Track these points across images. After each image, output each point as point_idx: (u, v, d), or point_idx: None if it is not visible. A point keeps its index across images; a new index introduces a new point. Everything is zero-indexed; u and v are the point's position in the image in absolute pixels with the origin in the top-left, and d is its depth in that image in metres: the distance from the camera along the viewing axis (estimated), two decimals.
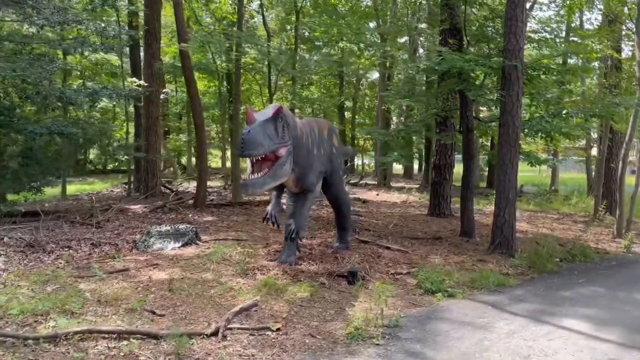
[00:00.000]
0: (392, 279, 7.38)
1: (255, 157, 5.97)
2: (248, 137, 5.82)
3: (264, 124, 6.07)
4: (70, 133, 9.65)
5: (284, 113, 6.41)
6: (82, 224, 9.93)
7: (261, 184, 6.13)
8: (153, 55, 14.09)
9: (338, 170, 8.18)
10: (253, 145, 5.86)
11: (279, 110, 6.25)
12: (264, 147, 5.96)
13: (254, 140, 5.84)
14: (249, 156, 5.97)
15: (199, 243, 9.00)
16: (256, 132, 5.90)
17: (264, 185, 6.19)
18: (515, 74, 8.55)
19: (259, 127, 5.97)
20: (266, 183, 6.17)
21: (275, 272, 7.20)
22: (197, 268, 7.38)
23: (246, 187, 6.19)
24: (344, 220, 8.67)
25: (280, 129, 6.24)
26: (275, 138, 6.15)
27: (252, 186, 6.14)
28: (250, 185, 6.15)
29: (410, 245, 9.49)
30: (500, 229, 8.84)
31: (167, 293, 6.25)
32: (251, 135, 5.84)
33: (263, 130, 5.99)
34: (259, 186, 6.14)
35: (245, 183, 6.20)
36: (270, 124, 6.13)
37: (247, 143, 5.82)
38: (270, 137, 6.05)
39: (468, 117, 9.87)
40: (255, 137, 5.86)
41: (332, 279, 7.11)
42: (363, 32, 16.20)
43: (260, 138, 5.91)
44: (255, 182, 6.12)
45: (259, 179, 6.12)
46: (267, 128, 6.07)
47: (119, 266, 7.40)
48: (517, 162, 8.75)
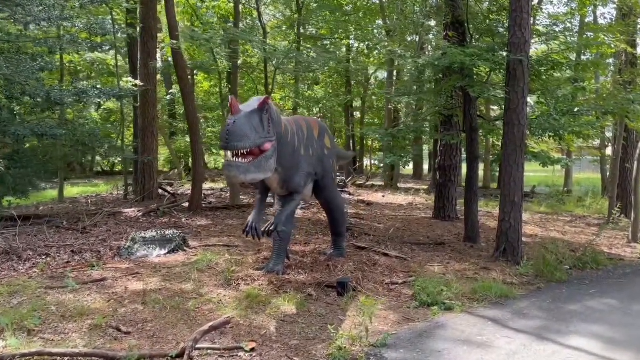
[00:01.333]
0: (386, 289, 6.87)
1: (241, 150, 5.36)
2: (234, 128, 5.23)
3: (249, 115, 5.48)
4: (55, 135, 9.26)
5: (270, 106, 5.85)
6: (68, 229, 9.55)
7: (245, 170, 5.46)
8: (149, 54, 13.68)
9: (330, 172, 7.67)
10: (239, 137, 5.24)
11: (265, 102, 5.68)
12: (250, 140, 5.35)
13: (240, 131, 5.25)
14: (234, 149, 5.33)
15: (186, 249, 8.56)
16: (242, 123, 5.31)
17: (247, 174, 5.50)
18: (520, 69, 7.99)
19: (244, 118, 5.39)
20: (250, 171, 5.50)
21: (260, 283, 6.72)
22: (178, 278, 6.94)
23: (229, 169, 5.41)
24: (337, 225, 8.17)
25: (265, 122, 5.66)
26: (261, 131, 5.56)
27: (237, 169, 5.42)
28: (235, 168, 5.41)
29: (410, 252, 8.96)
30: (506, 235, 8.29)
31: (139, 306, 5.80)
32: (237, 126, 5.25)
33: (249, 122, 5.40)
34: (243, 172, 5.45)
35: (230, 164, 5.43)
36: (256, 116, 5.54)
37: (233, 134, 5.22)
38: (256, 129, 5.47)
39: (472, 116, 9.32)
40: (242, 128, 5.28)
41: (321, 290, 6.61)
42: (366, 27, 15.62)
43: (247, 130, 5.33)
44: (240, 166, 5.43)
45: (244, 164, 5.47)
46: (253, 120, 5.47)
47: (96, 275, 6.98)
48: (523, 163, 8.18)
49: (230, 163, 5.41)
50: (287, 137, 6.39)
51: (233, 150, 5.34)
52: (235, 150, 5.35)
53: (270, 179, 6.55)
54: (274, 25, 17.73)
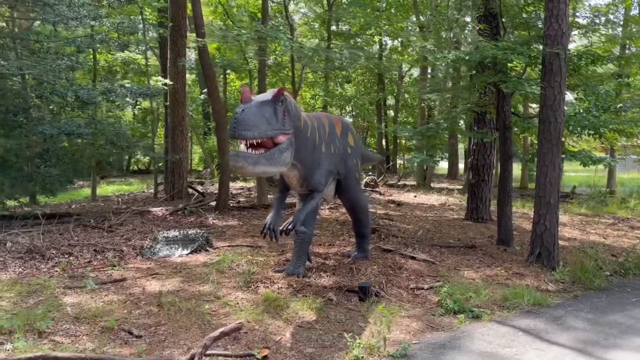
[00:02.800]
0: (411, 295, 6.56)
1: (250, 140, 5.07)
2: (242, 117, 4.95)
3: (261, 104, 5.22)
4: (81, 133, 9.29)
5: (286, 97, 5.57)
6: (94, 228, 9.57)
7: (254, 162, 5.13)
8: (178, 52, 13.68)
9: (353, 172, 7.39)
10: (247, 126, 4.95)
11: (280, 92, 5.39)
12: (259, 130, 5.06)
13: (249, 120, 4.97)
14: (241, 138, 5.02)
15: (209, 250, 8.45)
16: (252, 112, 5.04)
17: (257, 165, 5.16)
18: (557, 62, 7.53)
19: (255, 107, 5.13)
20: (260, 163, 5.17)
21: (279, 286, 6.52)
22: (198, 279, 6.81)
23: (236, 159, 5.07)
24: (361, 227, 7.89)
25: (280, 114, 5.38)
26: (274, 123, 5.28)
27: (245, 159, 5.09)
28: (243, 158, 5.08)
29: (439, 255, 8.60)
30: (540, 238, 7.85)
31: (154, 309, 5.68)
32: (246, 114, 4.98)
33: (260, 112, 5.12)
34: (252, 163, 5.11)
35: (237, 154, 5.12)
36: (268, 107, 5.27)
37: (241, 123, 4.92)
38: (268, 120, 5.18)
39: (505, 113, 8.88)
40: (251, 117, 5.00)
41: (342, 294, 6.36)
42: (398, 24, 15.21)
43: (257, 119, 5.05)
44: (248, 156, 5.12)
45: (253, 155, 5.18)
46: (265, 110, 5.20)
47: (116, 276, 6.92)
48: (559, 163, 7.72)
49: (238, 153, 5.13)
50: (306, 132, 6.15)
51: (240, 139, 5.07)
52: (244, 140, 5.07)
53: (290, 176, 6.33)
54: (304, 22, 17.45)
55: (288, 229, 6.14)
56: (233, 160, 5.13)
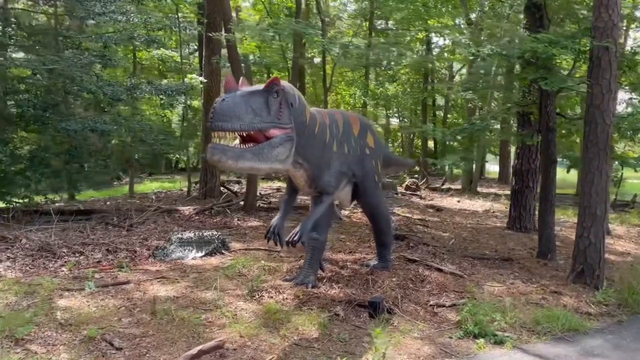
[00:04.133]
0: (429, 312, 5.94)
1: (229, 131, 4.48)
2: (221, 106, 4.37)
3: (248, 95, 4.64)
4: (105, 130, 9.16)
5: (283, 88, 4.98)
6: (115, 226, 9.43)
7: (236, 156, 4.55)
8: (213, 50, 13.49)
9: (372, 175, 6.82)
10: (226, 117, 4.37)
11: (273, 82, 4.82)
12: (241, 122, 4.46)
13: (229, 110, 4.38)
14: (218, 129, 4.41)
15: (224, 253, 8.10)
16: (234, 101, 4.46)
17: (240, 160, 4.57)
18: (606, 57, 6.70)
19: (240, 97, 4.56)
20: (244, 157, 4.59)
21: (285, 296, 6.07)
22: (204, 284, 6.45)
23: (213, 151, 4.46)
24: (382, 235, 7.32)
25: (274, 106, 4.81)
26: (264, 115, 4.71)
27: (223, 153, 4.48)
28: (220, 151, 4.47)
29: (469, 267, 7.90)
30: (584, 253, 7.03)
31: (147, 317, 5.35)
32: (226, 104, 4.39)
33: (245, 102, 4.54)
34: (233, 157, 4.52)
35: (214, 146, 4.48)
36: (258, 97, 4.70)
37: (219, 113, 4.35)
38: (255, 112, 4.61)
39: (549, 114, 8.08)
40: (232, 107, 4.42)
41: (351, 309, 5.83)
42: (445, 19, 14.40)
43: (239, 109, 4.46)
44: (229, 150, 4.53)
45: (235, 148, 4.59)
46: (253, 101, 4.63)
47: (121, 278, 6.66)
48: (607, 170, 6.88)
49: (215, 145, 4.51)
50: (313, 128, 5.62)
51: (217, 132, 4.47)
52: (221, 132, 4.48)
53: (296, 176, 5.84)
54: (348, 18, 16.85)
55: (294, 240, 5.65)
56: (209, 153, 4.53)
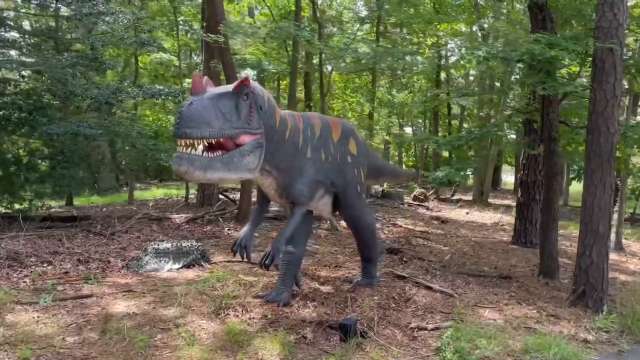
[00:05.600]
0: (408, 337, 5.41)
1: (195, 139, 4.05)
2: (188, 112, 3.99)
3: (217, 98, 4.24)
4: (89, 134, 8.85)
5: (254, 90, 4.57)
6: (97, 234, 9.08)
7: (205, 166, 4.16)
8: (212, 54, 13.16)
9: (354, 185, 6.33)
10: (195, 122, 3.99)
11: (243, 83, 4.39)
12: (210, 128, 4.07)
13: (196, 116, 4.00)
14: (185, 137, 4.01)
15: (203, 265, 7.69)
16: (202, 106, 4.07)
17: (208, 170, 4.18)
18: (610, 60, 6.15)
19: (208, 100, 4.15)
20: (213, 167, 4.21)
21: (252, 315, 5.61)
22: (170, 300, 6.03)
23: (179, 162, 4.08)
24: (366, 249, 6.83)
25: (244, 110, 4.40)
26: (234, 120, 4.30)
27: (190, 163, 4.09)
28: (187, 161, 4.08)
29: (462, 285, 7.35)
30: (585, 274, 6.44)
31: (95, 336, 4.94)
32: (194, 108, 4.02)
33: (214, 106, 4.13)
34: (201, 168, 4.14)
35: (180, 156, 4.09)
36: (227, 100, 4.29)
37: (186, 119, 3.97)
38: (225, 116, 4.21)
39: (551, 122, 7.52)
40: (200, 112, 4.03)
41: (322, 330, 5.34)
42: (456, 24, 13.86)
43: (208, 115, 4.07)
44: (196, 160, 4.12)
45: (203, 157, 4.17)
46: (222, 105, 4.22)
47: (85, 291, 6.29)
48: (611, 182, 6.30)
49: (181, 155, 4.10)
50: (284, 132, 5.19)
51: (184, 139, 4.05)
52: (189, 140, 4.06)
53: (264, 184, 5.40)
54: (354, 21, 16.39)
55: (266, 264, 5.21)
56: (175, 164, 4.13)
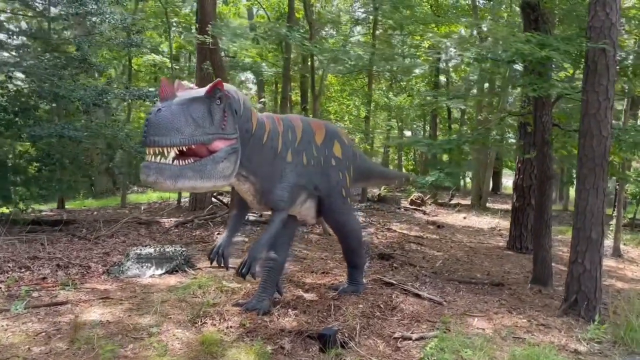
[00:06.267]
0: (391, 347, 5.20)
1: (165, 147, 3.83)
2: (157, 119, 3.78)
3: (188, 103, 4.00)
4: (73, 136, 8.69)
5: (227, 93, 4.34)
6: (82, 238, 8.91)
7: (175, 175, 3.93)
8: (205, 56, 13.01)
9: (339, 189, 6.14)
10: (164, 130, 3.77)
11: (216, 87, 4.15)
12: (181, 135, 3.85)
13: (166, 122, 3.79)
14: (155, 145, 3.80)
15: (187, 271, 7.50)
16: (171, 112, 3.85)
17: (179, 179, 3.96)
18: (602, 61, 5.96)
19: (178, 106, 3.93)
20: (184, 176, 3.98)
21: (230, 324, 5.41)
22: (147, 307, 5.84)
23: (147, 172, 3.86)
24: (352, 255, 6.64)
25: (217, 115, 4.18)
26: (207, 125, 4.08)
27: (159, 172, 3.87)
28: (156, 171, 3.86)
29: (453, 293, 7.15)
30: (577, 282, 6.23)
31: (63, 346, 4.75)
32: (163, 115, 3.80)
33: (184, 112, 3.92)
34: (171, 177, 3.91)
35: (148, 165, 3.87)
36: (199, 105, 4.04)
37: (155, 126, 3.76)
38: (197, 122, 3.99)
39: (544, 124, 7.32)
40: (170, 118, 3.81)
41: (301, 341, 5.14)
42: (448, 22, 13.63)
43: (177, 121, 3.84)
44: (166, 169, 3.89)
45: (173, 166, 3.93)
46: (194, 110, 3.99)
47: (61, 298, 6.11)
48: (605, 187, 6.09)
49: (149, 164, 3.88)
50: (261, 136, 5.00)
51: (153, 148, 3.84)
52: (157, 149, 3.84)
53: (242, 190, 5.21)
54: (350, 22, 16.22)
55: (243, 272, 5.02)
56: (143, 174, 3.92)
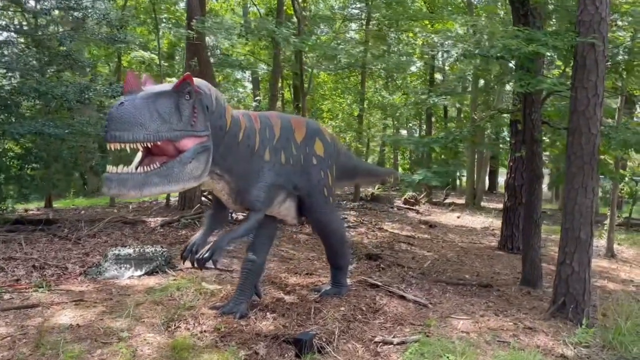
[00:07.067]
0: (371, 353, 5.01)
1: (127, 143, 3.60)
2: (119, 112, 3.56)
3: (153, 97, 3.78)
4: (53, 134, 8.50)
5: (198, 89, 4.13)
6: (63, 238, 8.72)
7: (140, 184, 3.71)
8: (194, 52, 12.82)
9: (321, 188, 5.94)
10: (126, 124, 3.55)
11: (185, 81, 3.94)
12: (145, 130, 3.62)
13: (129, 117, 3.56)
14: (116, 141, 3.56)
15: (167, 271, 7.31)
16: (135, 106, 3.62)
17: (145, 187, 3.74)
18: (592, 56, 5.78)
19: (142, 100, 3.70)
20: (149, 183, 3.76)
21: (204, 328, 5.23)
22: (121, 310, 5.65)
23: (108, 184, 3.63)
24: (335, 256, 6.45)
25: (186, 111, 3.96)
26: (174, 121, 3.85)
27: (122, 184, 3.64)
28: (117, 183, 3.64)
29: (439, 295, 6.96)
30: (566, 283, 6.06)
31: (28, 351, 4.56)
32: (125, 109, 3.58)
33: (149, 106, 3.70)
34: (136, 186, 3.70)
35: (109, 177, 3.64)
36: (166, 100, 3.83)
37: (116, 121, 3.54)
38: (163, 117, 3.76)
39: (533, 122, 7.14)
40: (133, 112, 3.59)
41: (277, 346, 4.96)
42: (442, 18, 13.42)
43: (141, 116, 3.62)
44: (127, 179, 3.67)
45: (136, 174, 3.72)
46: (160, 104, 3.77)
47: (33, 300, 5.92)
48: (595, 186, 5.92)
49: (110, 176, 3.64)
50: (236, 133, 4.79)
51: (113, 144, 3.59)
52: (117, 144, 3.59)
53: (216, 189, 5.02)
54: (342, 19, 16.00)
55: (204, 257, 4.81)
56: (105, 186, 3.67)
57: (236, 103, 20.91)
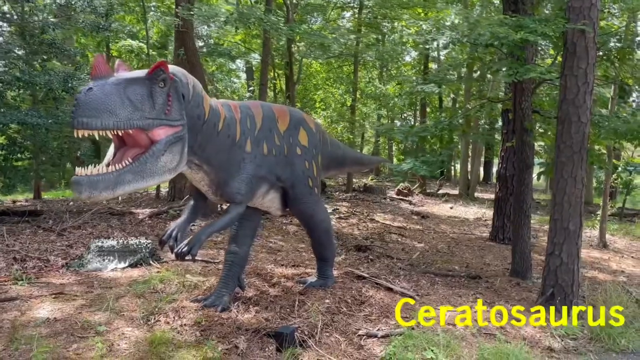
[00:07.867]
0: (354, 346, 4.92)
1: (97, 131, 3.42)
2: (86, 98, 3.36)
3: (125, 83, 3.61)
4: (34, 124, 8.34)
5: (173, 76, 3.96)
6: (47, 230, 8.59)
7: (112, 185, 3.54)
8: (182, 42, 12.62)
9: (305, 179, 5.81)
10: (94, 111, 3.36)
11: (159, 67, 3.77)
12: (115, 117, 3.45)
13: (96, 103, 3.38)
14: (84, 128, 3.35)
15: (152, 264, 7.19)
16: (104, 92, 3.44)
17: (117, 187, 3.57)
18: (582, 43, 5.65)
19: (112, 86, 3.52)
20: (122, 182, 3.60)
21: (184, 322, 5.12)
22: (101, 303, 5.53)
23: (78, 188, 3.43)
24: (321, 248, 6.34)
25: (160, 99, 3.80)
26: (146, 109, 3.69)
27: (92, 187, 3.45)
28: (87, 186, 3.44)
29: (427, 286, 6.88)
30: (554, 274, 5.98)
31: (0, 346, 4.45)
32: (93, 94, 3.39)
33: (120, 93, 3.53)
34: (108, 188, 3.52)
35: (78, 180, 3.44)
36: (138, 86, 3.68)
37: (84, 107, 3.34)
38: (134, 105, 3.60)
39: (524, 111, 7.03)
40: (102, 98, 3.40)
41: (257, 339, 4.85)
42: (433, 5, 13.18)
43: (110, 102, 3.44)
44: (98, 181, 3.49)
45: (107, 174, 3.54)
46: (131, 91, 3.61)
47: (12, 293, 5.79)
48: (584, 176, 5.81)
49: (79, 180, 3.45)
50: (215, 123, 4.64)
51: (81, 130, 3.39)
52: (85, 131, 3.40)
53: (195, 179, 4.87)
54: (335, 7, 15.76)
55: (182, 252, 4.68)
56: (75, 191, 3.49)
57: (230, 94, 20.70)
